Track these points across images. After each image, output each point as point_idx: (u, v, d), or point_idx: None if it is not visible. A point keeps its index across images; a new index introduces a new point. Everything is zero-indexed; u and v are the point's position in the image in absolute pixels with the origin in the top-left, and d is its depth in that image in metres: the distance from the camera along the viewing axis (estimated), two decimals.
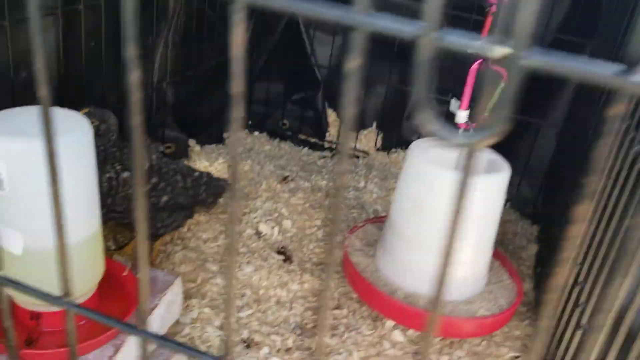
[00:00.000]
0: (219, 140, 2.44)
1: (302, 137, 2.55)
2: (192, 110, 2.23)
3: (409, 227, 1.36)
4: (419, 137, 2.39)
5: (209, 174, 1.74)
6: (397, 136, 2.46)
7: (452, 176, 1.27)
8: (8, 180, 0.98)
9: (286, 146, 2.50)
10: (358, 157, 2.47)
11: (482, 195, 1.33)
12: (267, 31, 2.49)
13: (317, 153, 2.47)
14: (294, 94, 2.55)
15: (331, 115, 2.55)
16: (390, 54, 2.34)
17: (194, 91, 2.18)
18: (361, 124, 2.49)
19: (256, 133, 2.55)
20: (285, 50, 2.48)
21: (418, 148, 1.38)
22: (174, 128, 2.09)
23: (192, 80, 2.13)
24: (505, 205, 1.43)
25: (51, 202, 0.41)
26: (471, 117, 1.37)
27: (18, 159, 0.97)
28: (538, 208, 2.19)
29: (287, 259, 1.80)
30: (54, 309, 1.13)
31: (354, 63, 0.30)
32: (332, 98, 2.51)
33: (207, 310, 1.55)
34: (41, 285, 0.46)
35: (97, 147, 1.14)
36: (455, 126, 1.42)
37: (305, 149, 2.49)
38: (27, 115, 1.05)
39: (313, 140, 2.52)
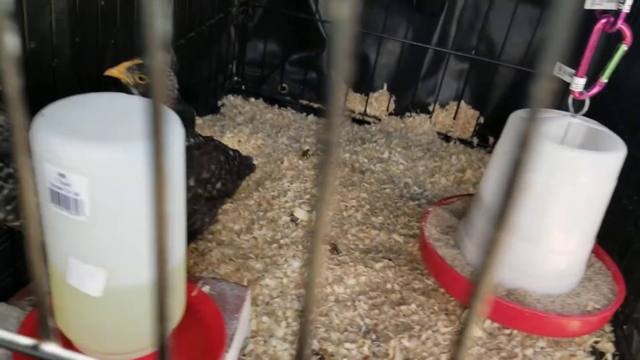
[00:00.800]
0: (214, 109, 2.16)
1: (304, 102, 2.31)
2: (183, 79, 1.94)
3: (517, 217, 1.18)
4: (436, 100, 2.22)
5: (238, 152, 1.49)
6: (412, 99, 2.26)
7: (588, 158, 1.10)
8: (90, 201, 0.72)
9: (289, 113, 2.26)
10: (369, 122, 2.27)
11: (592, 175, 1.17)
12: None
13: (323, 120, 2.23)
14: (293, 54, 2.29)
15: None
16: (407, 6, 2.12)
17: (182, 60, 1.89)
18: (370, 86, 2.27)
19: (252, 99, 2.29)
20: (284, 1, 2.20)
21: (525, 121, 1.19)
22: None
23: (179, 49, 1.83)
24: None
25: (154, 224, 0.29)
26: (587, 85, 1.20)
27: (105, 172, 0.71)
28: None
29: (334, 248, 1.60)
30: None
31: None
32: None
33: (265, 319, 1.34)
34: (119, 330, 0.26)
35: None
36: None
37: (311, 116, 2.26)
38: (98, 107, 0.78)
39: (317, 105, 2.29)
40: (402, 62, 2.20)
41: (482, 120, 2.22)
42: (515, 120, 1.21)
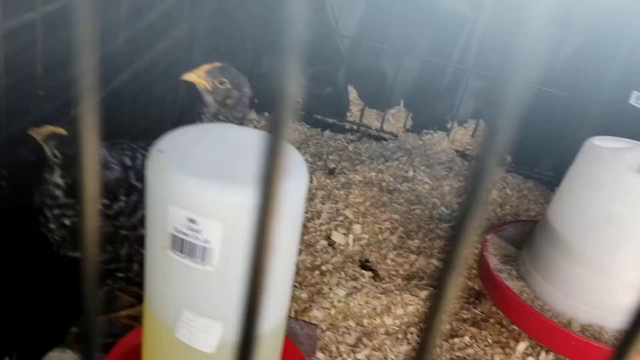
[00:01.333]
0: None
1: (318, 117, 2.24)
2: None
3: (595, 249, 1.15)
4: (454, 117, 2.19)
5: None
6: (429, 115, 2.22)
7: None
8: (220, 250, 0.64)
9: (304, 129, 2.19)
10: (385, 139, 2.22)
11: None
12: None
13: (341, 136, 2.18)
14: (309, 68, 2.21)
15: (352, 93, 2.26)
16: (426, 20, 2.08)
17: None
18: (386, 102, 2.23)
19: (267, 114, 2.20)
20: None
21: (603, 150, 1.16)
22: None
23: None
24: None
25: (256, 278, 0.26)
26: None
27: (240, 217, 0.63)
28: None
29: (375, 275, 1.53)
30: None
31: None
32: (355, 73, 2.21)
33: (320, 355, 1.26)
34: None
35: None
36: None
37: (327, 132, 2.19)
38: (216, 141, 0.70)
39: (331, 120, 2.22)
40: (420, 79, 2.16)
41: None
42: (590, 148, 1.18)
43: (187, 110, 1.55)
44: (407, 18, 2.07)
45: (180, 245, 0.64)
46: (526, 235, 1.41)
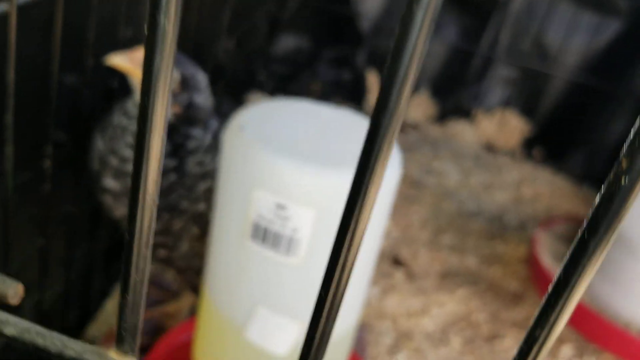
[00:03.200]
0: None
1: (335, 103, 2.18)
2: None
3: None
4: (479, 106, 2.15)
5: None
6: (454, 104, 2.18)
7: None
8: (309, 239, 0.59)
9: None
10: (407, 128, 2.17)
11: None
12: None
13: None
14: (326, 51, 2.16)
15: (372, 78, 2.21)
16: (458, 5, 2.04)
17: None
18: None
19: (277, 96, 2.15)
20: None
21: None
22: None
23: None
24: None
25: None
26: None
27: (334, 203, 0.58)
28: None
29: (409, 271, 1.49)
30: None
31: None
32: (377, 57, 2.16)
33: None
34: None
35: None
36: None
37: None
38: (299, 119, 0.65)
39: (349, 108, 2.17)
40: (446, 65, 2.12)
41: (529, 131, 2.16)
42: None
43: None
44: None
45: (263, 234, 0.59)
46: (576, 231, 1.37)
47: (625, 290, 1.17)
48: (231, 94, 1.87)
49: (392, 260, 1.51)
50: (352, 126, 0.66)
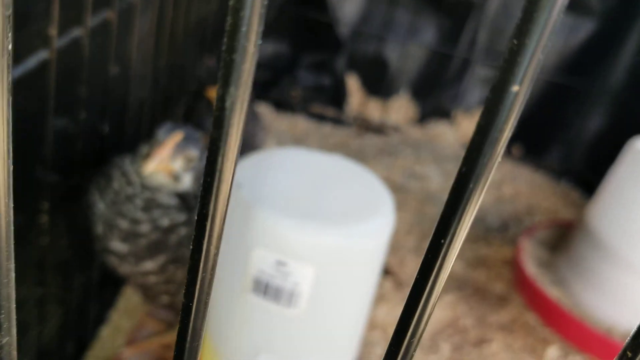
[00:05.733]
0: None
1: (316, 109, 2.20)
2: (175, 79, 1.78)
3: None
4: (459, 108, 2.18)
5: None
6: (434, 105, 2.20)
7: None
8: (310, 292, 0.60)
9: (303, 122, 2.14)
10: (387, 131, 2.19)
11: None
12: None
13: (341, 131, 2.15)
14: (305, 57, 2.17)
15: (352, 83, 2.22)
16: (434, 9, 2.06)
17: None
18: (388, 92, 2.20)
19: (261, 105, 2.16)
20: (298, 0, 2.08)
21: None
22: None
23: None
24: None
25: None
26: None
27: (334, 260, 0.60)
28: None
29: (396, 280, 1.52)
30: None
31: None
32: (356, 62, 2.17)
33: None
34: None
35: None
36: None
37: (327, 125, 2.16)
38: (297, 171, 0.66)
39: (330, 113, 2.18)
40: (425, 67, 2.14)
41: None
42: (634, 150, 1.17)
43: None
44: (413, 6, 2.04)
45: (264, 288, 0.60)
46: (558, 237, 1.41)
47: (606, 296, 1.20)
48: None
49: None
50: (346, 175, 0.67)
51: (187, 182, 0.76)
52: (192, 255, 0.24)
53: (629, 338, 0.24)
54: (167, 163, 0.73)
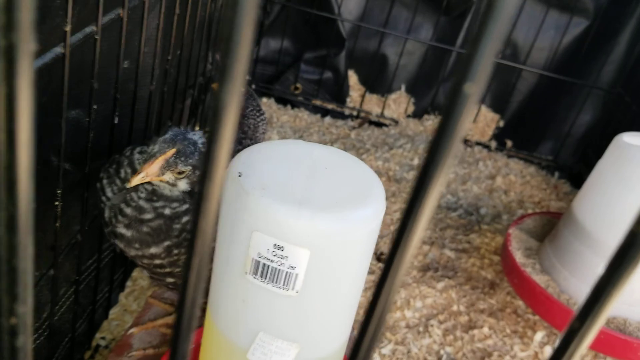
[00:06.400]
0: None
1: (317, 103, 2.23)
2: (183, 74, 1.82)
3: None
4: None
5: None
6: (432, 101, 2.24)
7: None
8: (304, 276, 0.65)
9: (304, 115, 2.18)
10: (386, 124, 2.23)
11: None
12: None
13: (341, 122, 2.19)
14: (308, 52, 2.20)
15: (352, 78, 2.25)
16: (435, 7, 2.09)
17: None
18: (388, 87, 2.23)
19: (264, 99, 2.20)
20: None
21: (633, 147, 1.19)
22: None
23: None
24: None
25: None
26: None
27: (328, 244, 0.64)
28: None
29: None
30: None
31: None
32: (357, 58, 2.21)
33: None
34: None
35: None
36: None
37: (327, 118, 2.20)
38: (295, 161, 0.70)
39: (330, 106, 2.22)
40: (423, 64, 2.17)
41: (501, 123, 2.23)
42: (620, 144, 1.21)
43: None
44: (412, 0, 2.07)
45: (262, 270, 0.65)
46: (546, 227, 1.45)
47: (590, 283, 1.24)
48: None
49: (374, 256, 1.58)
50: (341, 165, 0.71)
51: (182, 186, 0.83)
52: (191, 231, 0.26)
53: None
54: (154, 177, 0.79)
